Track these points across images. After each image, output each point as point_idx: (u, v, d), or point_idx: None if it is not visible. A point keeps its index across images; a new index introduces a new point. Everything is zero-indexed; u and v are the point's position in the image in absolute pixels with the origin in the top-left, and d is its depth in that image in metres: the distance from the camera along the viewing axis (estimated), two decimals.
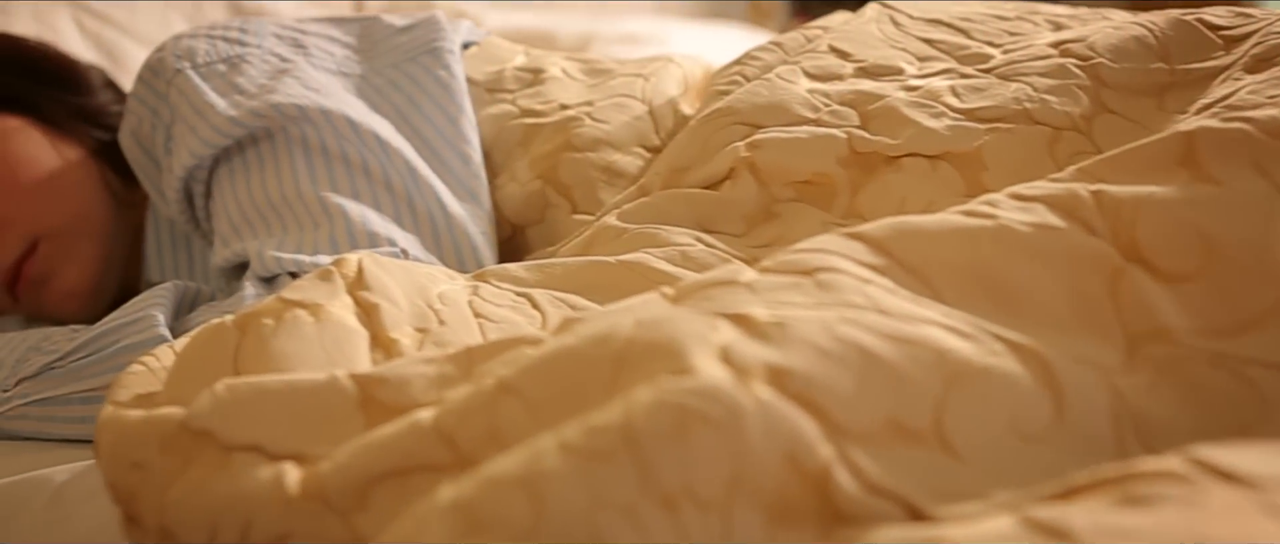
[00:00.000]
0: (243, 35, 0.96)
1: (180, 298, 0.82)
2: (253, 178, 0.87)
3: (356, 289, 0.62)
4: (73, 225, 1.01)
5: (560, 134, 0.90)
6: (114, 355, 0.77)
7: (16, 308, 1.01)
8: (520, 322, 0.64)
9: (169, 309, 0.79)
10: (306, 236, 0.82)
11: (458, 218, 0.84)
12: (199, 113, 0.88)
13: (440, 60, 0.94)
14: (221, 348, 0.58)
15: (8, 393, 0.80)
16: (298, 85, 0.89)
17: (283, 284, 0.79)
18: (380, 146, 0.86)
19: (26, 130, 1.02)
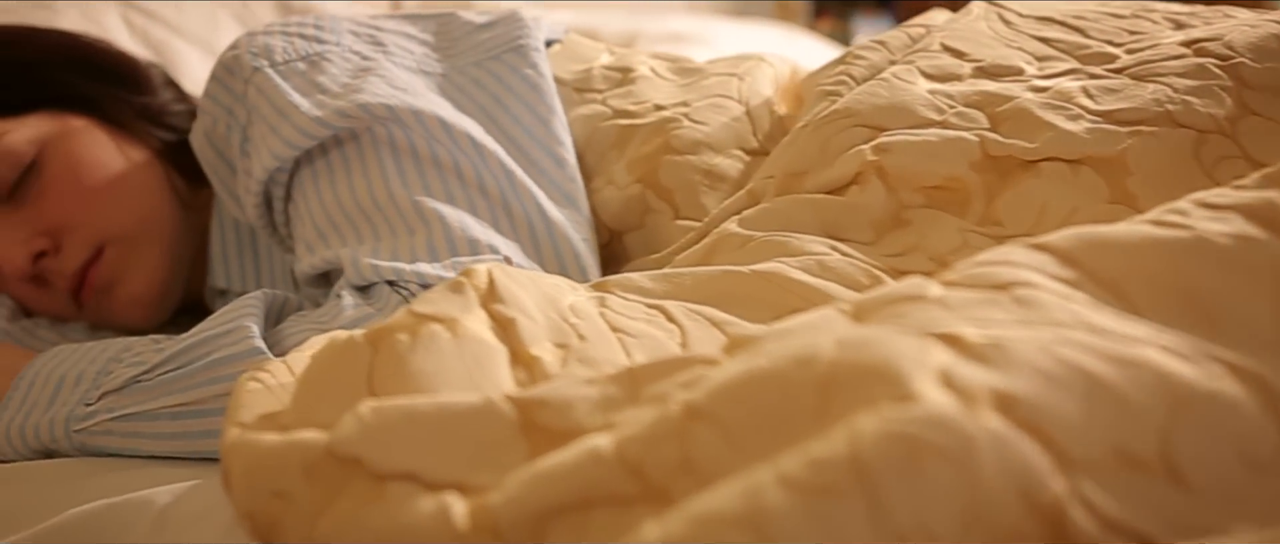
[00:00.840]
0: (319, 32, 0.92)
1: (270, 307, 0.78)
2: (339, 181, 0.83)
3: (490, 302, 0.58)
4: (139, 230, 0.97)
5: (658, 136, 0.86)
6: (206, 368, 0.73)
7: (80, 315, 0.97)
8: (660, 336, 0.60)
9: (261, 319, 0.75)
10: (401, 243, 0.78)
11: (558, 224, 0.80)
12: (281, 113, 0.84)
13: (526, 58, 0.91)
14: (353, 365, 0.54)
15: (91, 407, 0.76)
16: (384, 84, 0.85)
17: (379, 293, 0.75)
18: (474, 148, 0.82)
19: (91, 131, 0.98)
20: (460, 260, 0.76)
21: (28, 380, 0.80)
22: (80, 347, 0.82)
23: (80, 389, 0.78)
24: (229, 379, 0.73)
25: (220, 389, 0.73)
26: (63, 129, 0.97)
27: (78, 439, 0.76)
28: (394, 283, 0.75)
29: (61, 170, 0.95)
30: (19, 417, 0.78)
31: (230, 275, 1.01)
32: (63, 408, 0.77)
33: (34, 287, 0.95)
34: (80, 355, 0.81)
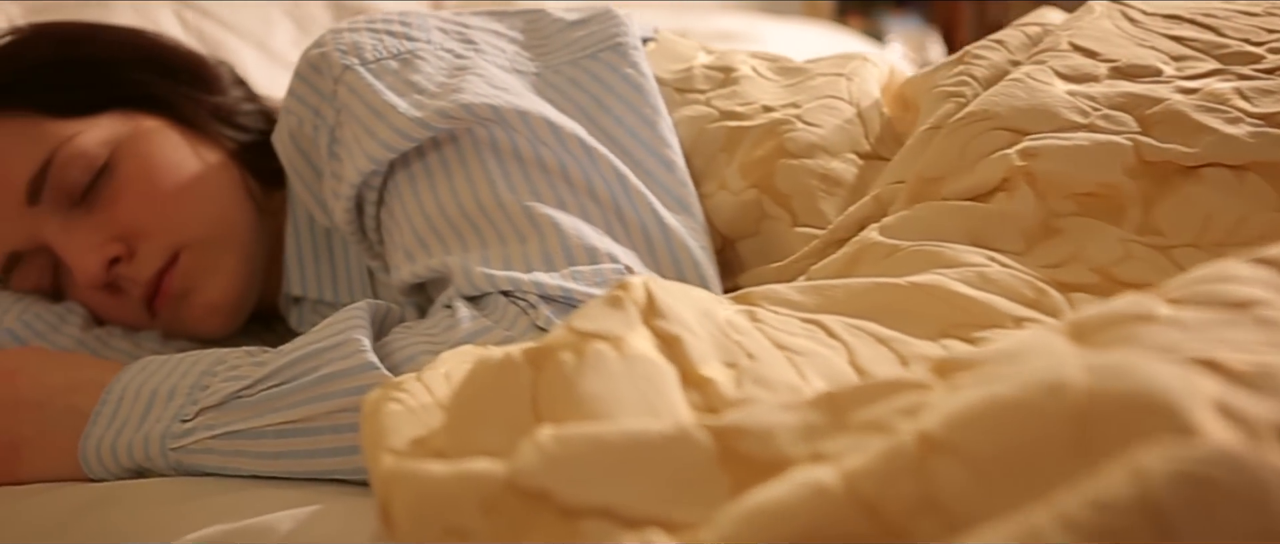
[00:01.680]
0: (408, 29, 0.88)
1: (375, 319, 0.74)
2: (439, 185, 0.79)
3: (651, 318, 0.54)
4: (215, 235, 0.93)
5: (770, 138, 0.82)
6: (315, 384, 0.70)
7: (153, 324, 0.93)
8: (825, 354, 0.56)
9: (369, 332, 0.71)
10: (513, 251, 0.74)
11: (675, 231, 0.76)
12: (377, 114, 0.80)
13: (626, 57, 0.87)
14: (513, 387, 0.51)
15: (189, 424, 0.73)
16: (484, 84, 0.81)
17: (494, 304, 0.71)
18: (584, 151, 0.78)
19: (164, 132, 0.94)
20: (579, 270, 0.72)
21: (116, 395, 0.76)
22: (168, 359, 0.78)
23: (174, 404, 0.74)
24: (340, 396, 0.69)
25: (331, 406, 0.69)
26: (135, 130, 0.93)
27: (174, 458, 0.73)
28: (509, 293, 0.71)
29: (135, 173, 0.91)
30: (109, 433, 0.74)
31: (305, 282, 0.97)
32: (157, 424, 0.73)
33: (106, 294, 0.91)
34: (170, 368, 0.77)
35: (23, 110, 0.92)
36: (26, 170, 0.90)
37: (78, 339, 0.90)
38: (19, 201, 0.90)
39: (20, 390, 0.78)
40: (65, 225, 0.90)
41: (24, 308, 0.91)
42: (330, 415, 0.69)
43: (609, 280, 0.71)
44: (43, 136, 0.91)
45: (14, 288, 0.93)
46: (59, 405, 0.77)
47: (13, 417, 0.77)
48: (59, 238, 0.90)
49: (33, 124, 0.91)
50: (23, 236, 0.91)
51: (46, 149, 0.90)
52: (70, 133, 0.91)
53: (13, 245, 0.91)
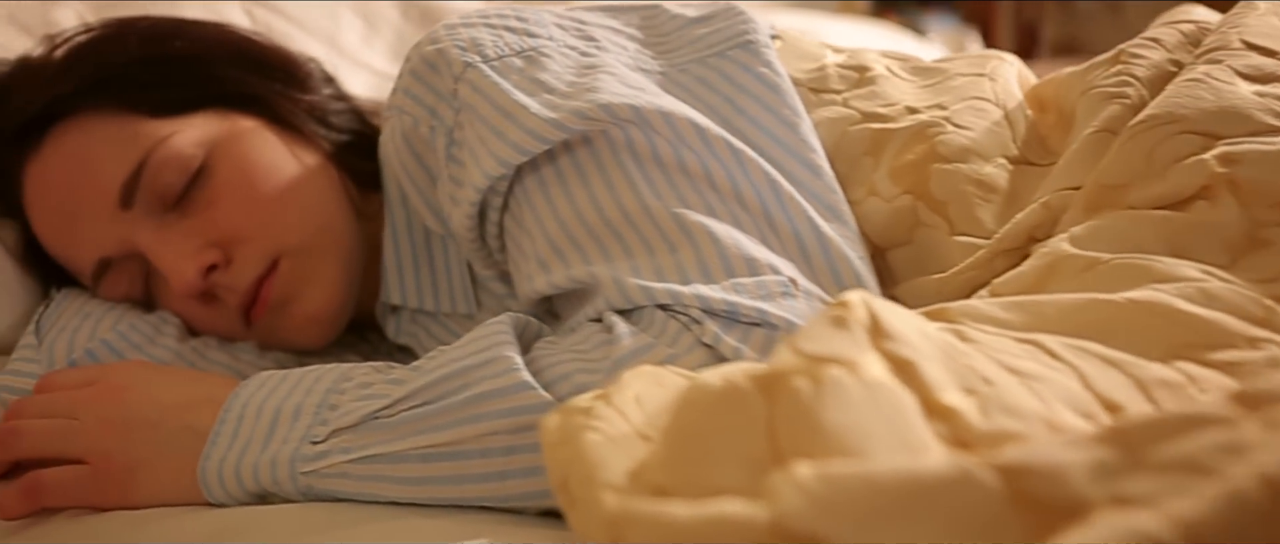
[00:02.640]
0: (526, 24, 0.83)
1: (517, 333, 0.69)
2: (576, 191, 0.74)
3: (879, 340, 0.49)
4: (316, 241, 0.88)
5: (920, 141, 0.78)
6: (465, 405, 0.65)
7: (248, 335, 0.89)
8: (1059, 378, 0.51)
9: (517, 348, 0.67)
10: (665, 261, 0.69)
11: (833, 241, 0.71)
12: (506, 114, 0.76)
13: (758, 55, 0.82)
14: (743, 417, 0.46)
15: (320, 446, 0.68)
16: (618, 83, 0.77)
17: (650, 319, 0.67)
18: (732, 155, 0.74)
19: (261, 132, 0.89)
20: (740, 282, 0.67)
21: (236, 413, 0.71)
22: (287, 374, 0.74)
23: (300, 424, 0.69)
24: (492, 417, 0.64)
25: (481, 429, 0.64)
26: (231, 130, 0.88)
27: (305, 482, 0.68)
28: (667, 307, 0.67)
29: (233, 176, 0.86)
30: (231, 455, 0.70)
31: (405, 290, 0.92)
32: (285, 446, 0.69)
33: (201, 303, 0.87)
34: (291, 385, 0.72)
35: (114, 109, 0.87)
36: (119, 173, 0.85)
37: (175, 351, 0.85)
38: (111, 205, 0.85)
39: (132, 408, 0.73)
40: (159, 231, 0.85)
41: (117, 317, 0.86)
42: (480, 438, 0.65)
43: (773, 293, 0.66)
44: (136, 137, 0.86)
45: (103, 295, 0.89)
46: (174, 424, 0.72)
47: (125, 436, 0.72)
48: (153, 244, 0.85)
49: (125, 124, 0.87)
50: (114, 242, 0.86)
51: (140, 150, 0.85)
52: (164, 133, 0.86)
53: (103, 251, 0.87)
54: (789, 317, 0.65)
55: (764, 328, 0.65)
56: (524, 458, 0.64)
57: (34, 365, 0.82)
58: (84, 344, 0.83)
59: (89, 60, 0.89)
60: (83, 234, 0.86)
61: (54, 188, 0.87)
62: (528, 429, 0.64)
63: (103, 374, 0.76)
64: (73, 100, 0.87)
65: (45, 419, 0.74)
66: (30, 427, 0.73)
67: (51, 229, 0.88)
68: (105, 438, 0.72)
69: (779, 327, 0.64)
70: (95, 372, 0.77)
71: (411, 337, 0.93)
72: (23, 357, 0.83)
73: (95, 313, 0.86)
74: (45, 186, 0.87)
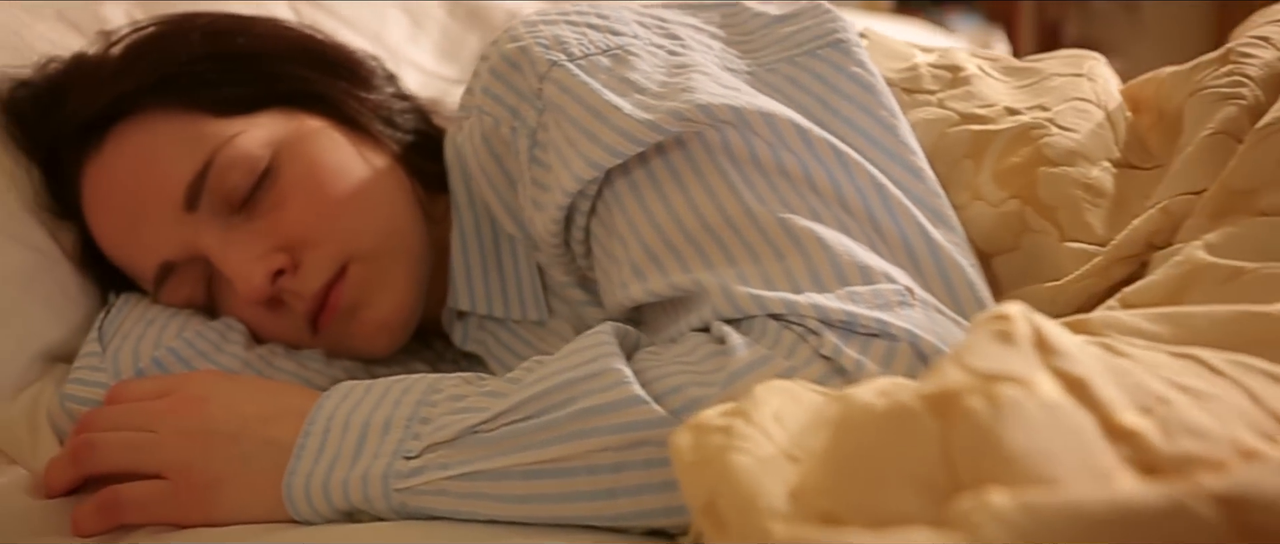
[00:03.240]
0: (608, 22, 0.80)
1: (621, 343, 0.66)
2: (672, 195, 0.71)
3: (1048, 356, 0.46)
4: (386, 246, 0.85)
5: (1024, 143, 0.75)
6: (572, 419, 0.62)
7: (314, 342, 0.86)
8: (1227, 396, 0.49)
9: (624, 360, 0.64)
10: (772, 269, 0.66)
11: (943, 247, 0.68)
12: (597, 115, 0.73)
13: (850, 55, 0.79)
14: (914, 440, 0.43)
15: (415, 461, 0.65)
16: (713, 83, 0.74)
17: (762, 329, 0.64)
18: (836, 158, 0.71)
19: (329, 133, 0.86)
20: (856, 291, 0.64)
21: (320, 427, 0.68)
22: (371, 385, 0.71)
23: (391, 439, 0.66)
24: (602, 433, 0.61)
25: (590, 445, 0.61)
26: (298, 130, 0.85)
27: (399, 499, 0.65)
28: (780, 317, 0.64)
29: (301, 177, 0.83)
30: (319, 470, 0.67)
31: (474, 296, 0.89)
32: (377, 461, 0.66)
33: (266, 309, 0.84)
34: (377, 396, 0.69)
35: (177, 108, 0.84)
36: (184, 173, 0.82)
37: (242, 359, 0.82)
38: (175, 207, 0.82)
39: (212, 420, 0.70)
40: (224, 234, 0.82)
41: (181, 324, 0.83)
42: (587, 455, 0.62)
43: (890, 302, 0.63)
44: (201, 136, 0.83)
45: (164, 301, 0.86)
46: (256, 437, 0.69)
47: (206, 450, 0.69)
48: (218, 247, 0.82)
49: (189, 123, 0.84)
50: (178, 245, 0.83)
51: (206, 150, 0.82)
52: (230, 133, 0.83)
53: (166, 254, 0.84)
54: (910, 328, 0.62)
55: (884, 339, 0.62)
56: (633, 475, 0.61)
57: (100, 374, 0.79)
58: (150, 352, 0.80)
59: (151, 57, 0.86)
60: (145, 237, 0.83)
61: (116, 189, 0.84)
62: (638, 445, 0.61)
63: (178, 384, 0.73)
64: (135, 98, 0.84)
65: (120, 432, 0.71)
66: (105, 440, 0.70)
67: (112, 232, 0.85)
68: (185, 452, 0.69)
69: (899, 338, 0.62)
70: (169, 382, 0.74)
71: (479, 344, 0.90)
72: (87, 365, 0.80)
73: (159, 319, 0.83)
74: (106, 188, 0.84)
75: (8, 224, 0.85)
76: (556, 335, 0.87)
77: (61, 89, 0.88)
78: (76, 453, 0.70)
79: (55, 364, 0.83)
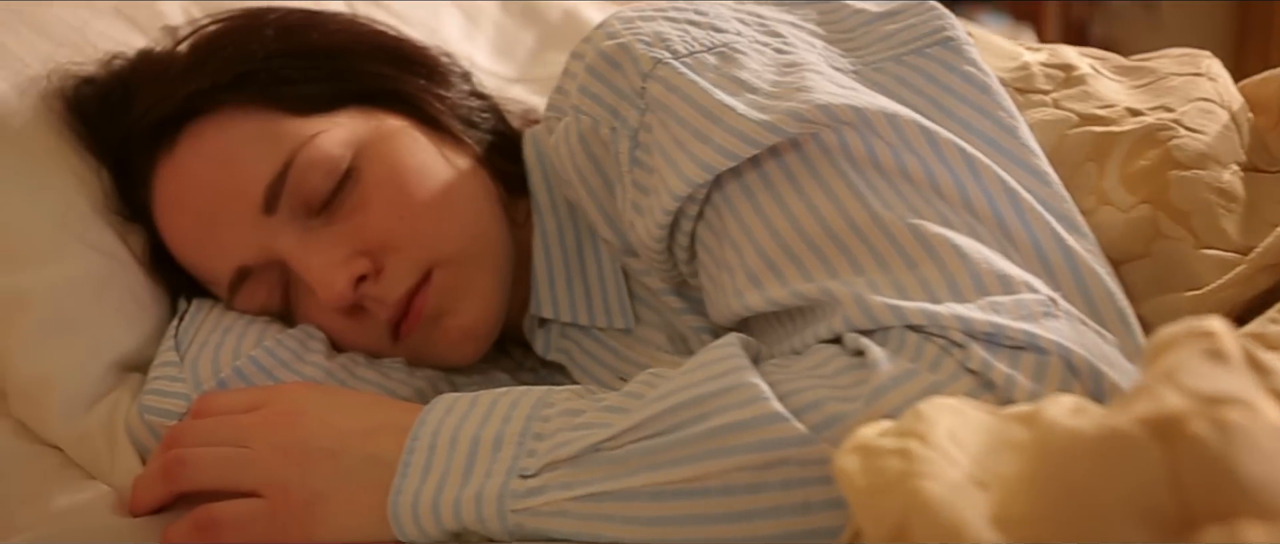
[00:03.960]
0: (708, 18, 0.77)
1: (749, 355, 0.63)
2: (789, 199, 0.68)
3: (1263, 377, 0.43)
4: (471, 250, 0.82)
5: (1150, 146, 0.72)
6: (707, 437, 0.59)
7: (395, 350, 0.82)
8: None
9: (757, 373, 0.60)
10: (904, 277, 0.63)
11: (1080, 255, 0.65)
12: (709, 116, 0.69)
13: (962, 53, 0.75)
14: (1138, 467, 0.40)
15: (533, 481, 0.62)
16: (827, 83, 0.71)
17: (900, 341, 0.60)
18: (964, 161, 0.67)
19: (410, 133, 0.83)
20: (997, 301, 0.61)
21: (425, 443, 0.65)
22: (474, 398, 0.67)
23: (503, 456, 0.63)
24: (740, 452, 0.58)
25: (727, 464, 0.58)
26: (379, 130, 0.82)
27: (516, 520, 0.62)
28: (919, 329, 0.60)
29: (383, 179, 0.80)
30: (426, 488, 0.63)
31: (557, 303, 0.86)
32: (489, 480, 0.62)
33: (347, 316, 0.80)
34: (484, 411, 0.66)
35: (254, 106, 0.81)
36: (263, 175, 0.79)
37: (324, 369, 0.79)
38: (253, 210, 0.79)
39: (309, 435, 0.67)
40: (304, 237, 0.79)
41: (260, 332, 0.79)
42: (722, 475, 0.58)
43: (1034, 313, 0.60)
44: (279, 136, 0.80)
45: (238, 307, 0.82)
46: (357, 453, 0.66)
47: (304, 466, 0.66)
48: (298, 252, 0.79)
49: (267, 121, 0.80)
50: (255, 249, 0.80)
51: (285, 151, 0.79)
52: (310, 132, 0.80)
53: (243, 259, 0.80)
54: (1059, 340, 0.58)
55: (1033, 352, 0.58)
56: (771, 496, 0.58)
57: (179, 385, 0.75)
58: (230, 362, 0.77)
59: (225, 53, 0.83)
60: (221, 240, 0.80)
61: (190, 190, 0.80)
62: (777, 465, 0.58)
63: (269, 397, 0.70)
64: (211, 96, 0.81)
65: (213, 448, 0.67)
66: (197, 456, 0.67)
67: (185, 235, 0.82)
68: (282, 468, 0.66)
69: (1049, 351, 0.58)
70: (259, 395, 0.71)
71: (563, 353, 0.87)
72: (165, 375, 0.76)
73: (236, 327, 0.80)
74: (180, 189, 0.81)
75: (78, 228, 0.81)
76: (646, 344, 0.84)
77: (130, 86, 0.85)
78: (167, 469, 0.67)
79: (128, 374, 0.80)
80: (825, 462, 0.57)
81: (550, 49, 1.28)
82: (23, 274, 0.78)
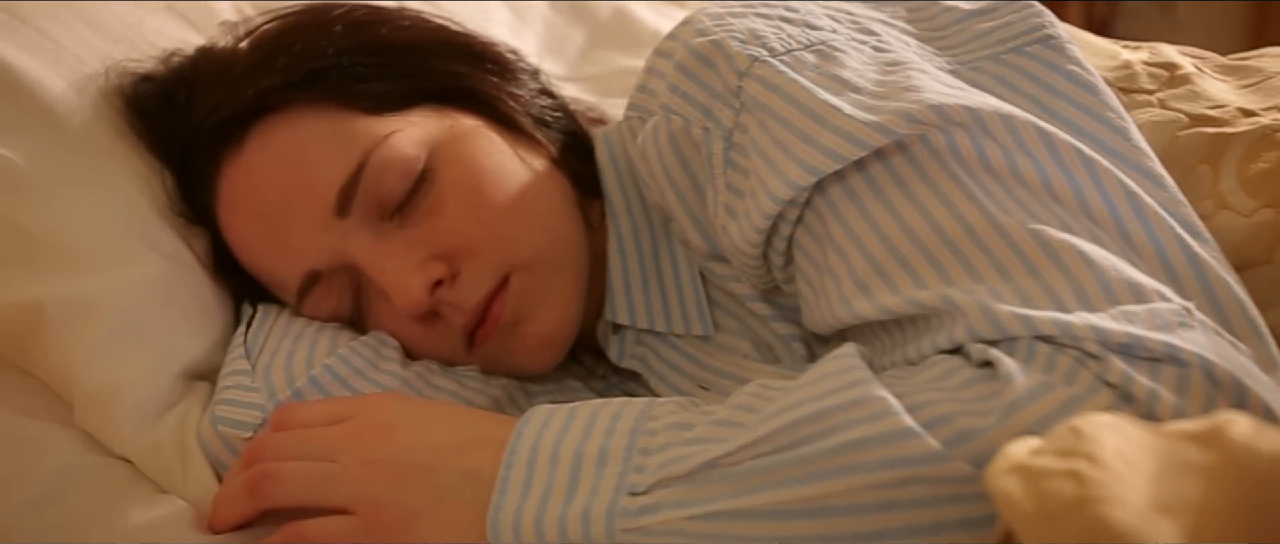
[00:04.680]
0: (800, 14, 0.74)
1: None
2: (898, 202, 0.65)
3: None
4: (550, 255, 0.79)
5: (1268, 147, 0.69)
6: (834, 454, 0.56)
7: (469, 358, 0.80)
8: None
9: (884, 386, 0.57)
10: (1027, 285, 0.60)
11: (1207, 262, 0.62)
12: (813, 116, 0.66)
13: (1064, 52, 0.73)
14: None
15: (644, 498, 0.59)
16: (934, 82, 0.68)
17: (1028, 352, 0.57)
18: (1084, 164, 0.64)
19: (485, 132, 0.81)
20: (1130, 310, 0.58)
21: (524, 457, 0.62)
22: (571, 409, 0.65)
23: (609, 472, 0.60)
24: (871, 469, 0.55)
25: (856, 482, 0.55)
26: (454, 130, 0.79)
27: (626, 539, 0.59)
28: (1049, 339, 0.57)
29: (458, 180, 0.77)
30: (529, 506, 0.61)
31: (633, 308, 0.83)
32: (596, 497, 0.60)
33: (420, 323, 0.78)
34: (584, 423, 0.63)
35: (326, 104, 0.78)
36: (337, 176, 0.76)
37: (400, 377, 0.76)
38: (325, 212, 0.76)
39: (401, 449, 0.64)
40: (377, 241, 0.76)
41: (332, 339, 0.77)
42: (850, 493, 0.55)
43: (1170, 323, 0.57)
44: (353, 136, 0.77)
45: (306, 312, 0.79)
46: (452, 468, 0.63)
47: (397, 482, 0.63)
48: (371, 256, 0.76)
49: (339, 120, 0.78)
50: (326, 253, 0.77)
51: (359, 151, 0.76)
52: (384, 132, 0.77)
53: (313, 263, 0.77)
54: (1199, 351, 0.56)
55: (1173, 364, 0.56)
56: (901, 516, 0.55)
57: (253, 394, 0.73)
58: (304, 370, 0.74)
59: (293, 50, 0.80)
60: (290, 243, 0.77)
61: (260, 192, 0.78)
62: (909, 483, 0.55)
63: (355, 409, 0.67)
64: (281, 94, 0.78)
65: (301, 462, 0.64)
66: (286, 471, 0.64)
67: (253, 237, 0.79)
68: (374, 484, 0.63)
69: (1190, 363, 0.55)
70: (344, 406, 0.68)
71: (638, 360, 0.84)
72: (237, 384, 0.74)
73: (306, 334, 0.77)
74: (248, 190, 0.78)
75: (143, 230, 0.78)
76: (727, 351, 0.81)
77: (193, 84, 0.82)
78: (253, 485, 0.64)
79: (196, 382, 0.77)
80: (959, 480, 0.55)
81: (600, 47, 1.25)
82: (88, 279, 0.75)
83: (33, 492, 0.68)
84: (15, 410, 0.73)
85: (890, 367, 0.63)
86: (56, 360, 0.74)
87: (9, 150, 0.77)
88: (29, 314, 0.74)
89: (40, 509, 0.67)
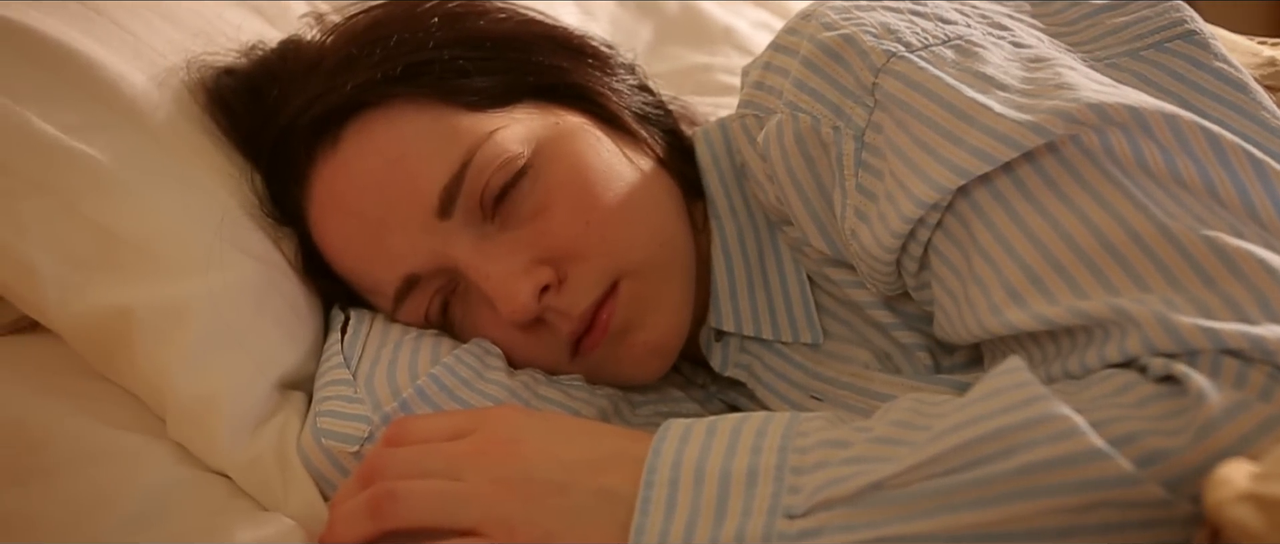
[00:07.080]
0: (931, 8, 0.70)
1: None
2: (1052, 206, 0.61)
3: None
4: (659, 259, 0.76)
5: None
6: (1016, 475, 0.52)
7: (573, 366, 0.76)
8: None
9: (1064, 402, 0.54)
10: (1203, 295, 0.56)
11: None
12: (961, 115, 0.63)
13: (1209, 48, 0.69)
14: None
15: (804, 522, 0.55)
16: (1086, 79, 0.64)
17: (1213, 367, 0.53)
18: (1252, 167, 0.61)
19: (590, 131, 0.77)
20: None
21: (664, 476, 0.59)
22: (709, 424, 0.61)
23: (761, 492, 0.57)
24: (1055, 493, 0.51)
25: (1039, 506, 0.52)
26: (558, 127, 0.76)
27: None
28: (1236, 353, 0.54)
29: (565, 180, 0.74)
30: (675, 527, 0.57)
31: (739, 315, 0.79)
32: (750, 519, 0.56)
33: (524, 330, 0.74)
34: (726, 439, 0.59)
35: (425, 99, 0.75)
36: (439, 175, 0.72)
37: (507, 387, 0.72)
38: (427, 213, 0.73)
39: (532, 467, 0.60)
40: (480, 244, 0.73)
41: (433, 348, 0.73)
42: (1030, 518, 0.52)
43: None
44: (456, 133, 0.73)
45: (402, 318, 0.76)
46: (587, 487, 0.59)
47: (529, 502, 0.59)
48: (475, 260, 0.73)
49: (440, 116, 0.74)
50: (427, 256, 0.73)
51: (463, 149, 0.73)
52: (488, 129, 0.73)
53: (413, 266, 0.74)
54: None
55: None
56: (1084, 542, 0.52)
57: (357, 406, 0.69)
58: (408, 380, 0.70)
59: (390, 43, 0.76)
60: (389, 246, 0.74)
61: (357, 192, 0.74)
62: (1095, 507, 0.51)
63: (477, 423, 0.63)
64: (379, 88, 0.74)
65: (426, 481, 0.61)
66: (410, 490, 0.60)
67: (348, 239, 0.75)
68: (505, 504, 0.59)
69: None
70: (463, 420, 0.64)
71: (743, 369, 0.81)
72: (339, 395, 0.70)
73: (406, 342, 0.73)
74: (345, 190, 0.74)
75: (233, 232, 0.74)
76: (840, 359, 0.78)
77: (282, 78, 0.78)
78: (376, 504, 0.60)
79: (291, 392, 0.73)
80: (1151, 504, 0.51)
81: (668, 43, 1.22)
82: (180, 284, 0.71)
83: (132, 508, 0.64)
84: (104, 422, 0.70)
85: (1045, 380, 0.59)
86: (147, 368, 0.70)
87: (94, 148, 0.73)
88: (118, 320, 0.70)
89: (140, 527, 0.63)
